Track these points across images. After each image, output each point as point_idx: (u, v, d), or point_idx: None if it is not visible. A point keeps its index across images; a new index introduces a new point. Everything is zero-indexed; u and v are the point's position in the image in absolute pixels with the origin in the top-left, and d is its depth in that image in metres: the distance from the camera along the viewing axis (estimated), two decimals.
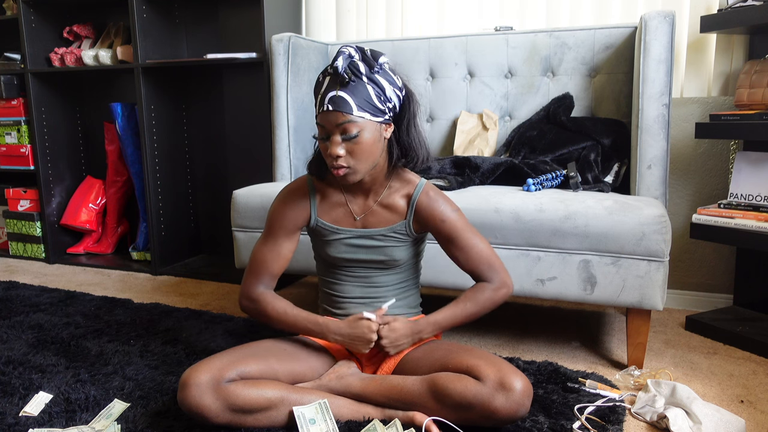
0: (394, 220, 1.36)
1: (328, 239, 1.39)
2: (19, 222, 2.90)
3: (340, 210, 1.38)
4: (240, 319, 1.94)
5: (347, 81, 1.21)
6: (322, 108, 1.22)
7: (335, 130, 1.22)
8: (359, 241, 1.37)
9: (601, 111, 2.00)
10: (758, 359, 1.67)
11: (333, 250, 1.38)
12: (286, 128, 2.11)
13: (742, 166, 1.83)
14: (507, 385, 1.14)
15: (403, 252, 1.38)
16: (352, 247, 1.37)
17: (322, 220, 1.38)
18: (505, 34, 2.09)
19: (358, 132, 1.22)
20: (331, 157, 1.23)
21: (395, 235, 1.37)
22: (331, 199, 1.38)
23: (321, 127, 1.25)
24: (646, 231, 1.47)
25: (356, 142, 1.22)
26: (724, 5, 1.91)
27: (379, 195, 1.36)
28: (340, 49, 1.24)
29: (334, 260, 1.40)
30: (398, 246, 1.37)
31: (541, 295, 1.60)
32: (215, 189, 2.84)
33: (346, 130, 1.21)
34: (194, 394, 1.15)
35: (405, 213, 1.36)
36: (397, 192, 1.36)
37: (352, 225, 1.38)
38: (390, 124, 1.29)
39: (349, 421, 1.24)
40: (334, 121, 1.21)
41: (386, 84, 1.25)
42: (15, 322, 1.92)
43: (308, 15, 2.59)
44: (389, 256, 1.37)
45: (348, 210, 1.38)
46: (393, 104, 1.28)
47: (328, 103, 1.21)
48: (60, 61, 2.72)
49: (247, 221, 1.88)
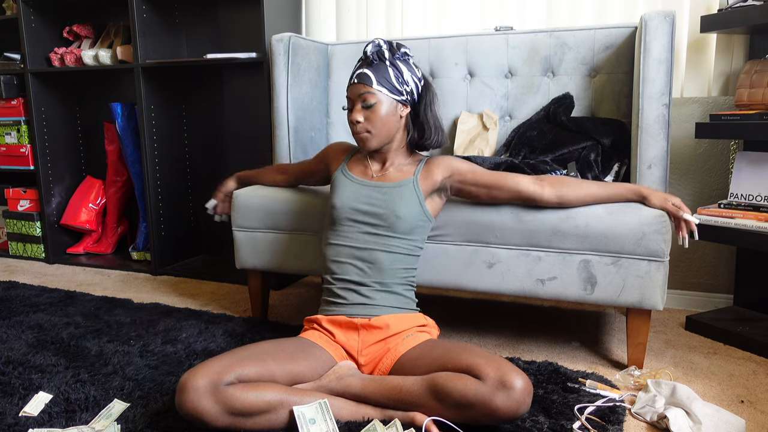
0: (403, 178, 1.51)
1: (343, 186, 1.53)
2: (19, 222, 2.90)
3: (362, 168, 1.57)
4: (240, 319, 1.94)
5: (372, 61, 1.46)
6: (351, 81, 1.48)
7: (357, 100, 1.46)
8: (368, 190, 1.50)
9: (601, 111, 2.00)
10: (758, 359, 1.67)
11: (344, 195, 1.50)
12: (286, 128, 2.11)
13: (742, 166, 1.83)
14: (507, 383, 1.14)
15: (405, 209, 1.46)
16: (361, 195, 1.49)
17: (346, 167, 1.58)
18: (505, 34, 2.09)
19: (375, 102, 1.45)
20: (352, 123, 1.46)
21: (402, 190, 1.48)
22: (359, 161, 1.59)
23: (348, 99, 1.49)
24: (647, 231, 1.47)
25: (373, 111, 1.45)
26: (724, 5, 1.91)
27: (393, 165, 1.55)
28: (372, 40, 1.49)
29: (342, 211, 1.49)
30: (402, 202, 1.47)
31: (541, 295, 1.60)
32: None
33: (366, 99, 1.45)
34: (192, 398, 1.15)
35: (413, 171, 1.53)
36: (411, 164, 1.55)
37: (368, 178, 1.54)
38: (406, 105, 1.50)
39: (349, 422, 1.24)
40: (357, 92, 1.46)
41: (405, 69, 1.48)
42: (15, 322, 1.92)
43: (308, 15, 2.59)
44: (391, 210, 1.45)
45: (367, 170, 1.56)
46: (410, 89, 1.49)
47: (354, 78, 1.47)
48: (60, 61, 2.72)
49: (247, 221, 1.88)
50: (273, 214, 1.83)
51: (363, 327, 1.41)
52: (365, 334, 1.41)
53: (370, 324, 1.40)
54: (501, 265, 1.61)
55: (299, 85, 2.14)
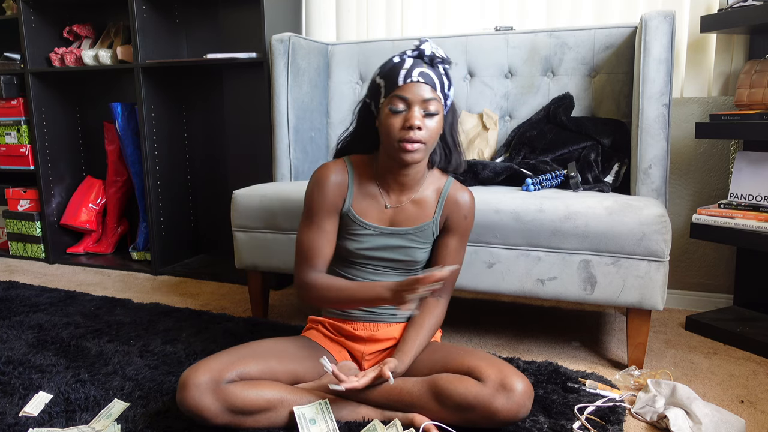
0: (422, 219, 1.35)
1: (353, 232, 1.35)
2: (19, 222, 2.90)
3: (372, 202, 1.34)
4: (240, 319, 1.94)
5: (432, 62, 1.24)
6: (409, 79, 1.21)
7: (419, 103, 1.21)
8: (384, 239, 1.35)
9: (601, 111, 2.00)
10: (758, 359, 1.67)
11: (355, 244, 1.35)
12: (286, 128, 2.11)
13: (742, 166, 1.83)
14: (508, 385, 1.14)
15: (424, 254, 1.39)
16: (375, 244, 1.35)
17: (354, 210, 1.34)
18: (505, 34, 2.09)
19: (437, 111, 1.23)
20: (410, 128, 1.20)
21: (421, 236, 1.36)
22: (365, 189, 1.35)
23: (401, 100, 1.22)
24: (647, 231, 1.47)
25: (433, 121, 1.22)
26: (724, 5, 1.91)
27: (413, 192, 1.35)
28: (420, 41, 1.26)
29: (353, 255, 1.36)
30: (421, 248, 1.37)
31: (541, 295, 1.60)
32: (215, 189, 2.84)
33: (429, 105, 1.21)
34: (193, 395, 1.15)
35: (434, 210, 1.35)
36: (428, 188, 1.36)
37: (380, 221, 1.35)
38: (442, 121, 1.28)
39: (349, 422, 1.24)
40: (421, 94, 1.21)
41: (448, 81, 1.28)
42: (15, 322, 1.92)
43: (308, 15, 2.59)
44: (411, 257, 1.36)
45: (379, 204, 1.34)
46: (449, 99, 1.29)
47: (418, 76, 1.21)
48: (60, 61, 2.72)
49: (247, 221, 1.88)
50: (273, 214, 1.83)
51: (369, 339, 1.39)
52: (371, 345, 1.39)
53: (377, 337, 1.39)
54: (501, 265, 1.61)
55: (299, 85, 2.14)
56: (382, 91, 1.26)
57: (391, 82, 1.24)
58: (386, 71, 1.26)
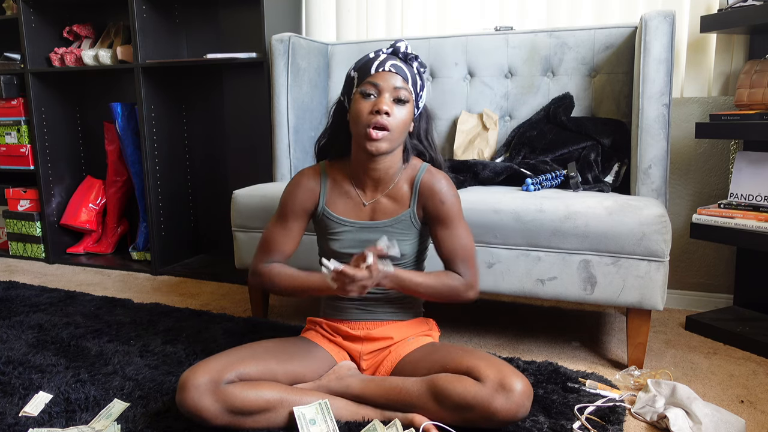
0: (399, 210, 1.37)
1: (332, 231, 1.38)
2: (19, 222, 2.90)
3: (347, 200, 1.39)
4: (240, 319, 1.94)
5: (406, 59, 1.31)
6: (382, 68, 1.27)
7: (390, 90, 1.26)
8: (363, 234, 1.37)
9: (601, 111, 2.00)
10: (758, 359, 1.67)
11: (336, 243, 1.38)
12: (286, 128, 2.11)
13: (742, 166, 1.83)
14: (507, 385, 1.14)
15: (407, 246, 1.38)
16: (356, 240, 1.37)
17: (329, 209, 1.38)
18: (505, 34, 2.09)
19: (407, 101, 1.28)
20: (377, 112, 1.24)
21: (400, 227, 1.37)
22: (340, 188, 1.39)
23: (372, 86, 1.27)
24: (647, 231, 1.47)
25: (402, 109, 1.27)
26: (724, 5, 1.91)
27: (387, 186, 1.37)
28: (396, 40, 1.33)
29: (337, 255, 1.37)
30: (404, 240, 1.37)
31: (541, 295, 1.60)
32: (215, 189, 2.84)
33: (399, 94, 1.26)
34: (193, 395, 1.15)
35: (409, 200, 1.37)
36: (402, 180, 1.38)
37: (358, 217, 1.38)
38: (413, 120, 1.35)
39: (349, 422, 1.24)
40: (392, 82, 1.27)
41: (421, 81, 1.34)
42: (15, 322, 1.92)
43: (308, 15, 2.59)
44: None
45: (355, 202, 1.38)
46: (421, 100, 1.35)
47: (390, 66, 1.27)
48: (60, 61, 2.72)
49: (247, 221, 1.88)
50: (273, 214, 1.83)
51: (366, 339, 1.40)
52: (368, 344, 1.40)
53: (373, 336, 1.39)
54: (501, 265, 1.61)
55: (299, 85, 2.14)
56: (355, 82, 1.32)
57: (364, 72, 1.30)
58: (360, 64, 1.33)
